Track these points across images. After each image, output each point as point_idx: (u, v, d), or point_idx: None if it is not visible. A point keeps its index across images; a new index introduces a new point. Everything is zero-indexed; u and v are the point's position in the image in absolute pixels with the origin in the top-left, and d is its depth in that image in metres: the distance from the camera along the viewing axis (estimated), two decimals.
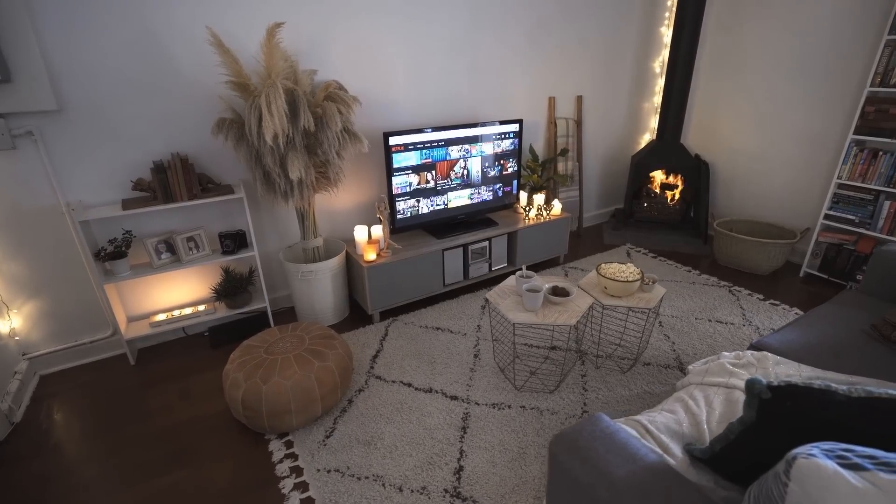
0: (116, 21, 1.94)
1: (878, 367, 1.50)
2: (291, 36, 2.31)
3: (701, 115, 3.71)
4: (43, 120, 1.92)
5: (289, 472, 1.69)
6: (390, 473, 1.66)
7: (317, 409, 1.85)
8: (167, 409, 2.00)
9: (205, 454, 1.78)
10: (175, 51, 2.08)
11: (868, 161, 2.66)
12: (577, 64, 3.36)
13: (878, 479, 0.60)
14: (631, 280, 1.96)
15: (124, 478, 1.68)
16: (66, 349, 2.24)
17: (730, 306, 2.70)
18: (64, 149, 2.00)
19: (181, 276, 2.42)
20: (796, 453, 0.64)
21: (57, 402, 2.06)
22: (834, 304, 1.88)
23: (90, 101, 1.98)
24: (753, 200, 3.48)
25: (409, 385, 2.10)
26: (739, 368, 1.42)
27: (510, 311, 1.90)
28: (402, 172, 2.60)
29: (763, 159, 3.36)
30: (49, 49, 1.85)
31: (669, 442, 1.14)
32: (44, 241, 2.07)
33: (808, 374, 1.38)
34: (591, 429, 0.98)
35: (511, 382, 2.09)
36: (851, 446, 0.68)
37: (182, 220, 2.33)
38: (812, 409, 0.81)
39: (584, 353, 2.31)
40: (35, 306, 2.14)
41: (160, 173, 2.07)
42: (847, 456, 0.64)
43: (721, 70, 3.49)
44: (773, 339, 1.64)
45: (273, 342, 1.99)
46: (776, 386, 0.82)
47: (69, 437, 1.86)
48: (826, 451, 0.65)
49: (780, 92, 3.16)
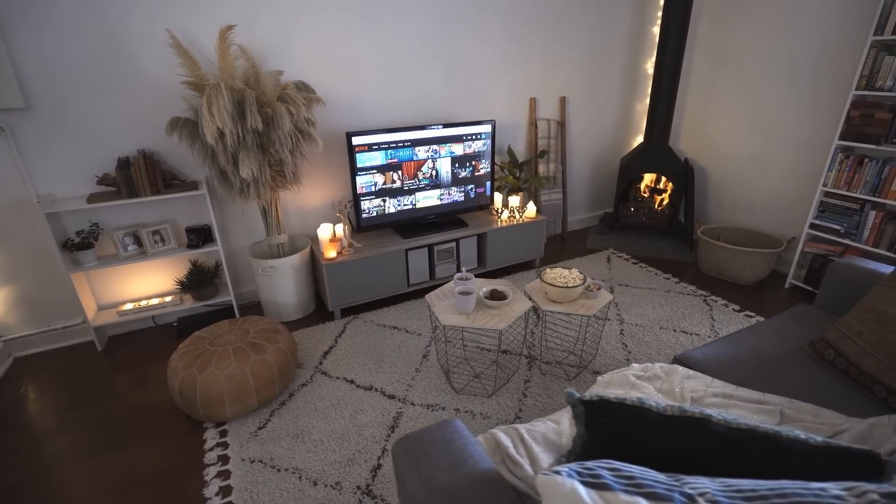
0: (82, 23, 2.05)
1: (804, 385, 1.43)
2: (257, 37, 2.37)
3: (693, 118, 3.59)
4: (12, 117, 2.05)
5: (216, 460, 1.75)
6: (310, 467, 1.70)
7: (252, 401, 1.91)
8: (121, 394, 2.10)
9: (144, 438, 1.86)
10: (139, 52, 2.17)
11: (854, 168, 2.51)
12: (560, 64, 3.31)
13: (615, 498, 0.59)
14: (571, 286, 1.93)
15: (67, 456, 1.78)
16: (39, 333, 2.39)
17: (700, 316, 2.61)
18: (34, 144, 2.13)
19: (151, 268, 2.53)
20: (543, 470, 0.62)
21: (24, 382, 2.19)
22: (781, 319, 1.79)
23: (58, 99, 2.10)
24: (743, 207, 3.34)
25: (352, 382, 2.13)
26: (644, 381, 1.37)
27: (443, 313, 1.90)
28: (366, 172, 2.63)
29: (754, 164, 3.22)
30: (16, 49, 1.98)
31: (540, 452, 1.13)
32: (18, 230, 2.21)
33: (715, 390, 1.33)
34: (432, 434, 0.98)
35: (451, 385, 2.09)
36: (621, 465, 0.66)
37: (151, 214, 2.44)
38: (628, 425, 0.79)
39: (534, 358, 2.28)
40: (10, 292, 2.29)
41: (124, 169, 2.17)
42: (601, 475, 0.62)
43: (712, 71, 3.36)
44: (699, 352, 1.58)
45: (221, 334, 2.06)
46: (588, 400, 0.80)
47: (27, 416, 1.99)
48: (580, 469, 0.63)
49: (772, 93, 3.02)
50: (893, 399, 1.31)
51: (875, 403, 1.36)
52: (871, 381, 1.37)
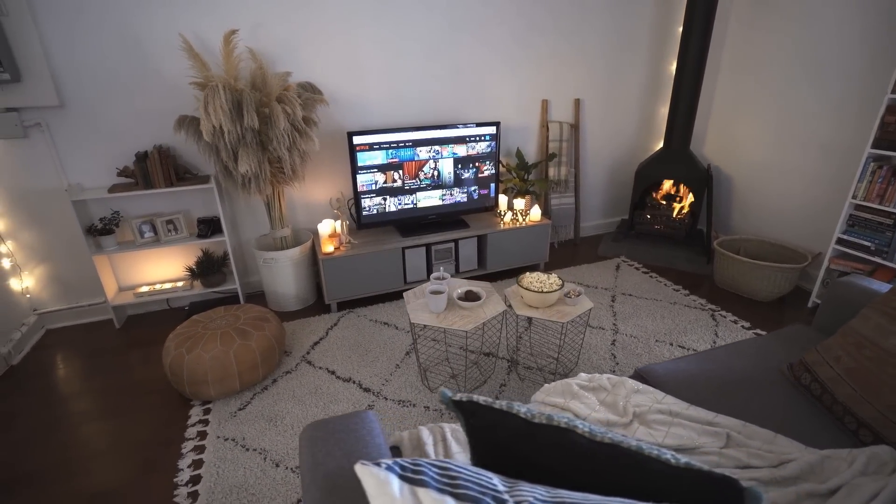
0: (109, 30, 2.25)
1: (771, 410, 1.33)
2: (269, 40, 2.50)
3: (720, 123, 3.39)
4: (48, 114, 2.29)
5: (195, 436, 1.87)
6: (276, 449, 1.78)
7: (234, 384, 2.02)
8: (127, 369, 2.29)
9: (138, 410, 2.02)
10: (158, 55, 2.36)
11: (887, 179, 2.28)
12: (575, 66, 3.24)
13: (425, 494, 0.59)
14: (546, 291, 1.89)
15: (69, 419, 1.97)
16: (68, 309, 2.64)
17: (703, 332, 2.47)
18: (66, 138, 2.36)
19: (165, 254, 2.73)
20: (364, 461, 0.64)
21: (50, 352, 2.44)
22: (769, 338, 1.67)
23: (86, 97, 2.32)
24: (769, 218, 3.12)
25: (333, 373, 2.21)
26: (588, 392, 1.33)
27: (415, 311, 1.92)
28: (367, 171, 2.70)
29: (780, 172, 3.00)
30: (51, 53, 2.20)
31: (458, 452, 1.13)
32: (52, 216, 2.46)
33: (662, 407, 1.27)
34: (338, 422, 1.01)
35: (426, 383, 2.11)
36: (457, 466, 0.66)
37: (167, 205, 2.63)
38: (496, 428, 0.78)
39: (516, 363, 2.25)
40: (45, 270, 2.55)
41: (141, 162, 2.36)
42: (424, 472, 0.63)
43: (741, 73, 3.16)
44: (663, 367, 1.51)
45: (215, 319, 2.20)
46: (456, 400, 0.80)
47: (47, 381, 2.21)
48: (406, 464, 0.64)
49: (801, 97, 2.80)
50: (864, 433, 1.20)
51: (846, 435, 1.24)
52: (843, 410, 1.25)
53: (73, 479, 1.70)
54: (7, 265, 2.42)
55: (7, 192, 2.35)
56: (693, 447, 1.16)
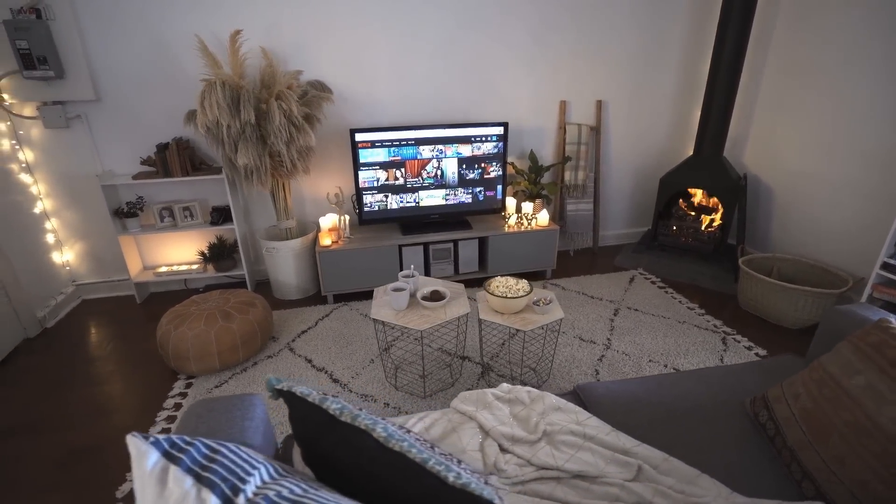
0: (140, 31, 2.48)
1: (716, 447, 1.18)
2: (281, 40, 2.63)
3: (762, 129, 3.06)
4: (87, 107, 2.57)
5: (172, 406, 2.01)
6: None
7: (214, 362, 2.14)
8: (133, 340, 2.51)
9: (130, 378, 2.21)
10: (181, 54, 2.56)
11: None
12: (596, 65, 3.08)
13: (172, 472, 0.59)
14: (510, 297, 1.82)
15: (77, 380, 2.20)
16: (102, 283, 2.95)
17: (706, 355, 2.24)
18: (102, 129, 2.63)
19: (184, 238, 2.96)
20: (135, 433, 0.64)
21: (81, 319, 2.73)
22: (747, 367, 1.48)
23: (119, 92, 2.58)
24: (812, 235, 2.77)
25: (310, 362, 2.27)
26: (503, 403, 1.26)
27: (378, 307, 1.93)
28: (369, 167, 2.75)
29: (827, 184, 2.65)
30: (90, 53, 2.47)
31: None
32: (89, 198, 2.76)
33: (576, 428, 1.17)
34: (222, 402, 1.03)
35: (392, 381, 2.11)
36: (230, 449, 0.65)
37: (185, 193, 2.85)
38: (306, 420, 0.77)
39: (490, 368, 2.18)
40: (83, 246, 2.86)
41: (161, 152, 2.58)
42: (186, 451, 0.62)
43: (786, 75, 2.84)
44: (606, 386, 1.39)
45: (208, 301, 2.34)
46: (279, 389, 0.79)
47: (69, 345, 2.48)
48: (177, 441, 0.64)
49: (852, 101, 2.45)
50: (807, 485, 1.02)
51: (791, 486, 1.07)
52: (790, 457, 1.08)
53: (63, 432, 1.89)
54: (51, 240, 2.75)
55: (53, 176, 2.68)
56: (595, 475, 1.05)
